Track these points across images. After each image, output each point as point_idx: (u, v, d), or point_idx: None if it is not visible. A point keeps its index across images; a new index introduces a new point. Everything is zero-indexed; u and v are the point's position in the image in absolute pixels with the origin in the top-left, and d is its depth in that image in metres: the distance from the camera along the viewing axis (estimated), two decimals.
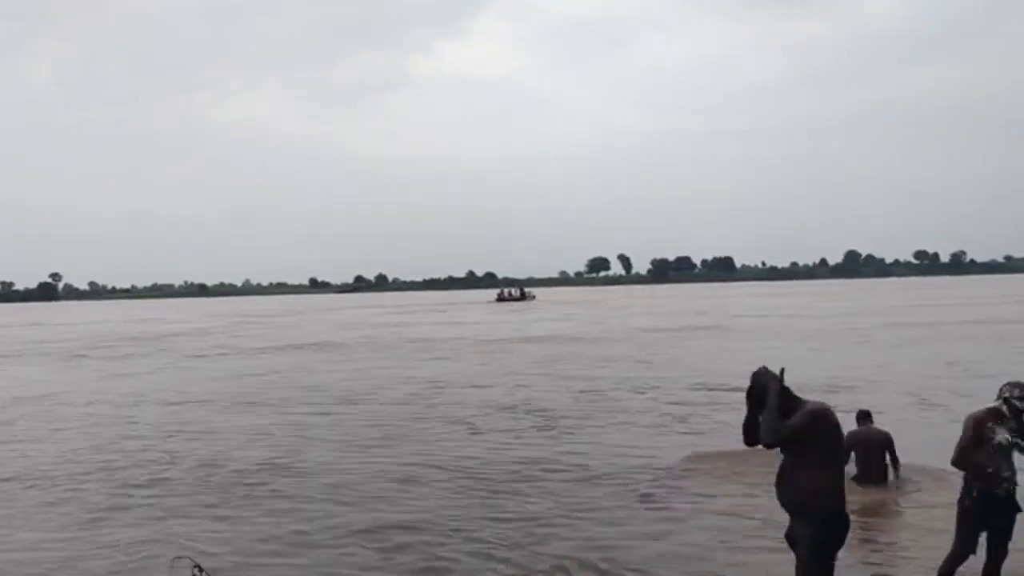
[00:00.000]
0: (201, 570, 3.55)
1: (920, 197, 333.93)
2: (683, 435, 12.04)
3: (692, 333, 33.74)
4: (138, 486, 9.65)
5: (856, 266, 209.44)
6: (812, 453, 4.23)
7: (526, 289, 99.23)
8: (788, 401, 4.33)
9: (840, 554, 4.44)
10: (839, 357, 22.48)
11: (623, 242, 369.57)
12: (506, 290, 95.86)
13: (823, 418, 4.26)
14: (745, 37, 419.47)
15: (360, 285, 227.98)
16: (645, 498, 8.59)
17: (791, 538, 4.46)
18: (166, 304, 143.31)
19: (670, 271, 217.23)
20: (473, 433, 12.66)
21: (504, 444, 11.71)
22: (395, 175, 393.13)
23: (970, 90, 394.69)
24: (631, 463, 10.11)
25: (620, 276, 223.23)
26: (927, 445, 9.46)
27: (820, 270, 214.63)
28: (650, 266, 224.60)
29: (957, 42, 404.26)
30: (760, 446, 4.43)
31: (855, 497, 7.18)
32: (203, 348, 33.17)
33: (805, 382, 14.90)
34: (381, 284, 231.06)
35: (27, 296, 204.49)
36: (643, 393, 16.53)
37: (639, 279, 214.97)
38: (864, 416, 8.91)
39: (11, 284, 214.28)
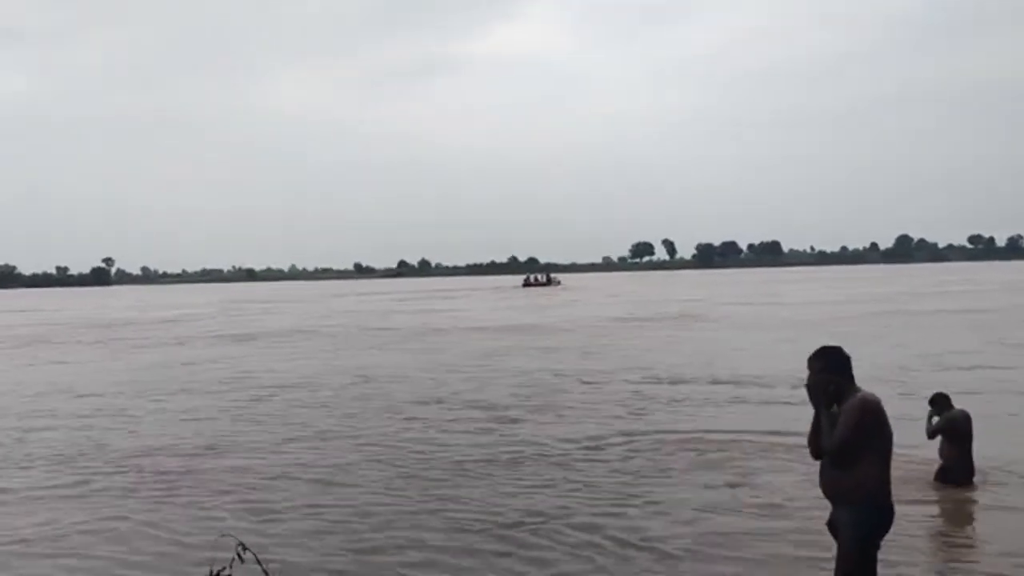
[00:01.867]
0: (245, 548, 3.56)
1: (975, 180, 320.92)
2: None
3: (656, 324, 31.56)
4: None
5: (908, 251, 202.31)
6: (857, 442, 4.17)
7: (552, 275, 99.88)
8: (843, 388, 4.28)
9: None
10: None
11: (668, 227, 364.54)
12: (532, 275, 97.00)
13: (870, 412, 4.17)
14: (797, 14, 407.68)
15: (403, 270, 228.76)
16: None
17: (833, 527, 4.40)
18: (202, 289, 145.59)
19: (715, 256, 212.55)
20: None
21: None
22: (442, 160, 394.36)
23: None
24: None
25: (664, 261, 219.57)
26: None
27: (871, 255, 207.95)
28: (695, 251, 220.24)
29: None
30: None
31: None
32: (162, 337, 32.23)
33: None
34: (424, 269, 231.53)
35: (81, 281, 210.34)
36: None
37: (683, 264, 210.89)
38: (941, 400, 7.97)
39: (66, 269, 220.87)
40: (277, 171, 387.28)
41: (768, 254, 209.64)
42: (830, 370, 4.28)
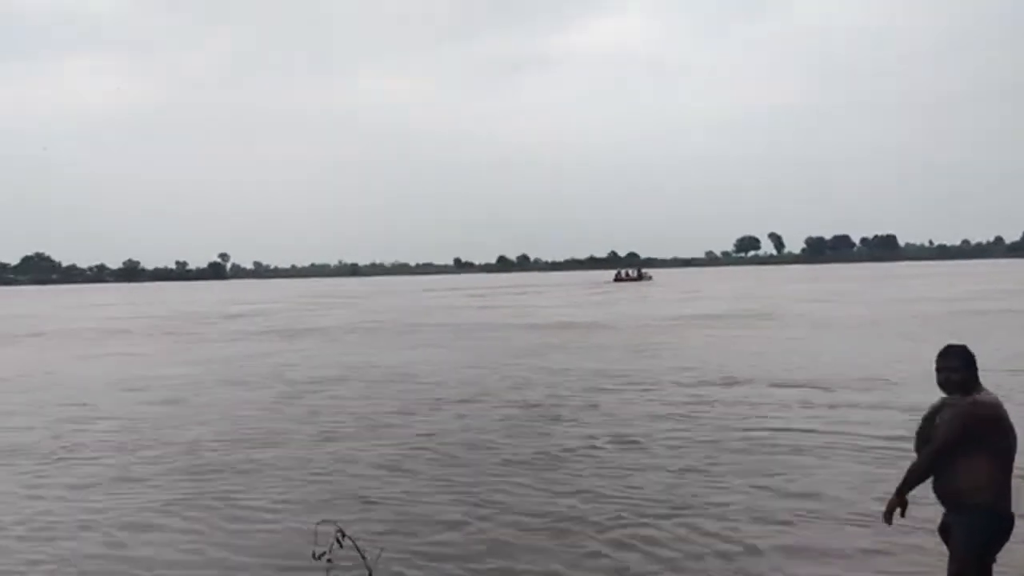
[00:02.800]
0: (344, 535, 3.68)
1: None
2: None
3: (712, 322, 29.62)
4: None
5: None
6: (973, 444, 3.95)
7: (643, 270, 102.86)
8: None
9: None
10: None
11: (775, 219, 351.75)
12: (623, 271, 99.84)
13: (979, 415, 3.96)
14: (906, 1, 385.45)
15: (502, 266, 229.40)
16: None
17: (945, 532, 4.21)
18: (302, 283, 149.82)
19: (826, 250, 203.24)
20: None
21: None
22: (541, 154, 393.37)
23: None
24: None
25: (771, 256, 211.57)
26: None
27: (995, 248, 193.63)
28: (804, 245, 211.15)
29: None
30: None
31: None
32: (215, 333, 32.67)
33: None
34: (523, 264, 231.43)
35: (199, 275, 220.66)
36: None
37: (792, 259, 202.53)
38: None
39: (185, 264, 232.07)
40: (380, 168, 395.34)
41: (882, 248, 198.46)
42: (957, 368, 4.07)
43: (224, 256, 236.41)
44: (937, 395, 4.22)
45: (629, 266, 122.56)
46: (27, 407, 14.24)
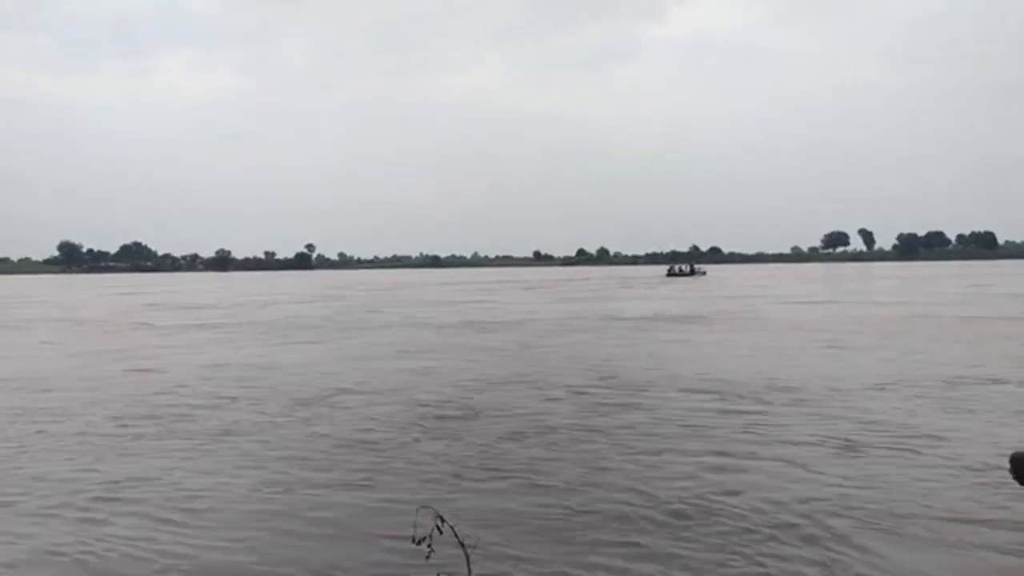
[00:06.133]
0: (443, 520, 3.77)
1: None
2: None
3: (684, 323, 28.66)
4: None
5: None
6: None
7: (696, 265, 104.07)
8: None
9: None
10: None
11: (867, 215, 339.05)
12: (676, 266, 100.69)
13: None
14: None
15: (581, 259, 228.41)
16: None
17: None
18: (376, 273, 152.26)
19: (919, 247, 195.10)
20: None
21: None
22: (622, 146, 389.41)
23: None
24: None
25: (860, 252, 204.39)
26: None
27: None
28: (896, 242, 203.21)
29: None
30: None
31: None
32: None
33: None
34: (602, 258, 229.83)
35: (285, 264, 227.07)
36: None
37: (882, 256, 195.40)
38: None
39: (273, 253, 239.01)
40: (462, 161, 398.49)
41: (979, 246, 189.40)
42: None
43: (310, 247, 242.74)
44: None
45: (711, 261, 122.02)
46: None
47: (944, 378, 13.92)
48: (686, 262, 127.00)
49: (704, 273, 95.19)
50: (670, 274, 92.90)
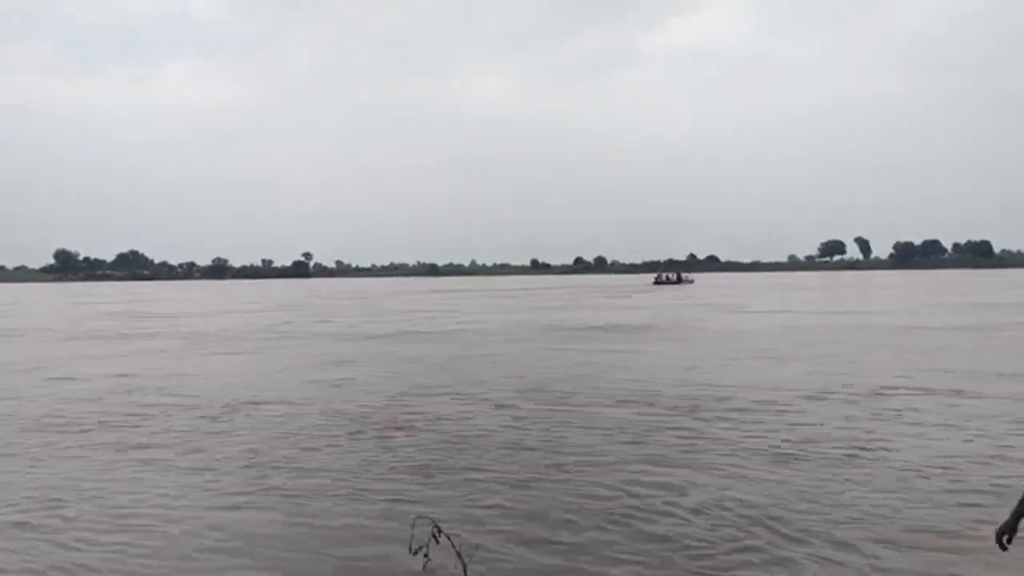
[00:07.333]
0: (440, 531, 3.81)
1: None
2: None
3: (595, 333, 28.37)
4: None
5: None
6: None
7: (683, 274, 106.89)
8: None
9: None
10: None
11: (862, 223, 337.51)
12: (664, 274, 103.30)
13: None
14: None
15: (579, 267, 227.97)
16: None
17: None
18: (367, 283, 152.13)
19: (915, 256, 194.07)
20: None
21: None
22: (622, 154, 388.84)
23: None
24: None
25: (857, 261, 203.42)
26: None
27: None
28: (892, 250, 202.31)
29: None
30: None
31: None
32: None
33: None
34: (600, 266, 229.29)
35: (283, 273, 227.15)
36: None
37: (878, 264, 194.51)
38: None
39: (271, 262, 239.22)
40: (458, 169, 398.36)
41: (976, 255, 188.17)
42: None
43: (307, 255, 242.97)
44: None
45: (710, 269, 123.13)
46: None
47: (873, 388, 13.78)
48: (683, 271, 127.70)
49: (692, 281, 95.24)
50: (657, 282, 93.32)
